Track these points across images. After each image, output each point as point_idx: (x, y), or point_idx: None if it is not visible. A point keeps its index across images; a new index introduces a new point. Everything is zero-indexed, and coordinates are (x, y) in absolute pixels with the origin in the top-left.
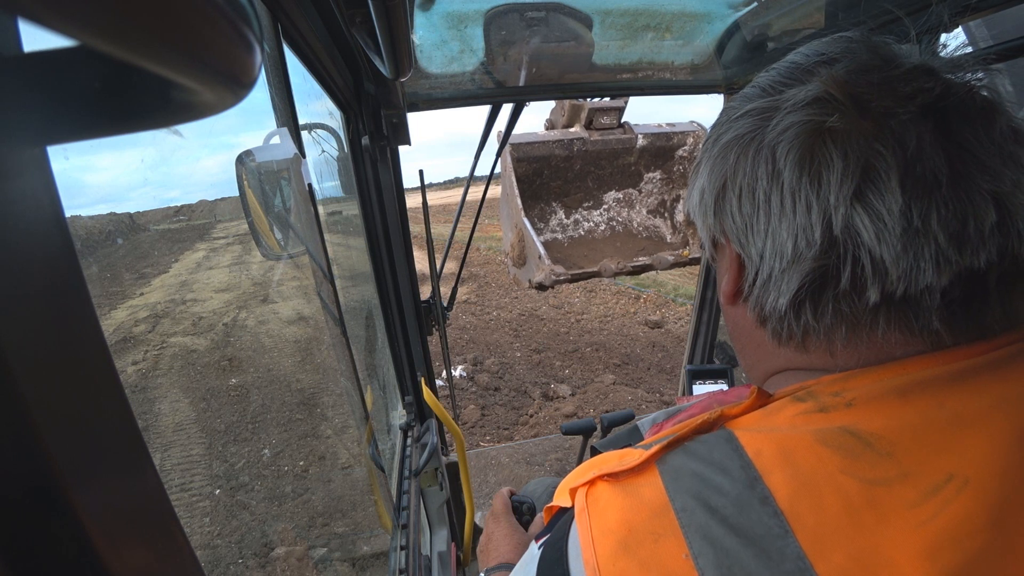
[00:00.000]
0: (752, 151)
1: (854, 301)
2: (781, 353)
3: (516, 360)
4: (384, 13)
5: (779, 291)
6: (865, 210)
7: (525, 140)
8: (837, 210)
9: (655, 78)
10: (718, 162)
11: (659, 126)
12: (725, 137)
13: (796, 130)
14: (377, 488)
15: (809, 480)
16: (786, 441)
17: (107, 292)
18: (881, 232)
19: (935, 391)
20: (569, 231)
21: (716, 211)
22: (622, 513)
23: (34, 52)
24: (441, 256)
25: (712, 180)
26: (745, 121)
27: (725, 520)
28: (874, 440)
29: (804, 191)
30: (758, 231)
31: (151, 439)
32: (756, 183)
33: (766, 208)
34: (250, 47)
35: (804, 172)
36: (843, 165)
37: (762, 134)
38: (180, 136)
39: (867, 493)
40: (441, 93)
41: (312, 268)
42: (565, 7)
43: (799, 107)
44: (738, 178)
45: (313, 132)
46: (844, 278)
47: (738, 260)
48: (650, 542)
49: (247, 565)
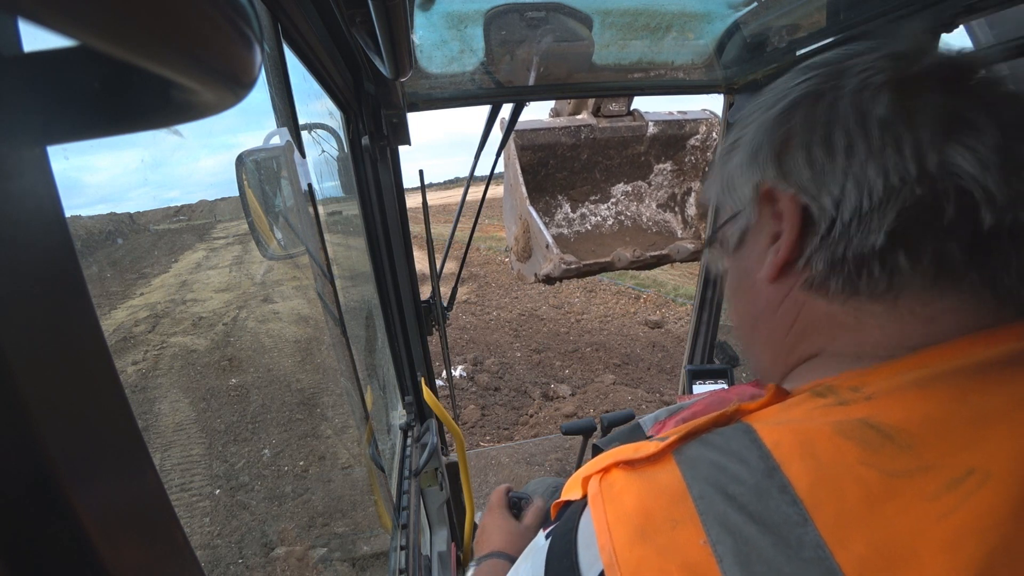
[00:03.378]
0: (826, 103)
1: (959, 234)
2: (828, 325)
3: (516, 360)
4: (384, 13)
5: (869, 230)
6: (962, 146)
7: (530, 127)
8: (932, 146)
9: (655, 78)
10: (777, 120)
11: (670, 113)
12: (783, 102)
13: (883, 75)
14: (377, 488)
15: (828, 470)
16: (805, 432)
17: (107, 292)
18: (983, 162)
19: (958, 384)
20: (575, 226)
21: (777, 164)
22: (639, 499)
23: (34, 52)
24: (441, 256)
25: (771, 137)
26: (810, 83)
27: (743, 508)
28: (894, 433)
29: (896, 129)
30: (834, 176)
31: (151, 439)
32: (833, 130)
33: (846, 154)
34: (250, 47)
35: (896, 111)
36: (934, 105)
37: (836, 88)
38: (180, 136)
39: (887, 484)
40: (441, 93)
41: (312, 268)
42: (565, 7)
43: (878, 59)
44: (809, 130)
45: (313, 132)
46: (950, 208)
47: (802, 214)
48: (668, 528)
49: (247, 565)
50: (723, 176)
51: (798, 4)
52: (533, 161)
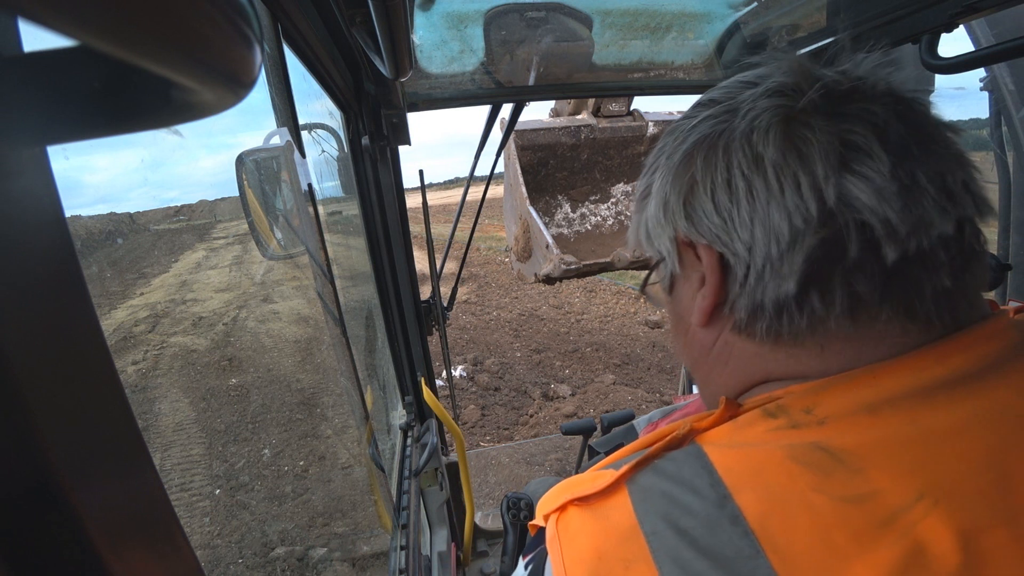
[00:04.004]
0: (721, 146)
1: (867, 271)
2: (763, 362)
3: (516, 360)
4: (384, 13)
5: (781, 276)
6: (856, 177)
7: (530, 127)
8: (828, 181)
9: (655, 78)
10: (680, 168)
11: (670, 113)
12: (683, 147)
13: (769, 115)
14: (377, 488)
15: (780, 498)
16: (756, 457)
17: (107, 292)
18: (880, 192)
19: (908, 407)
20: (575, 226)
21: (687, 215)
22: (592, 540)
23: (34, 52)
24: (441, 256)
25: (676, 186)
26: (705, 125)
27: (695, 542)
28: (845, 456)
29: (790, 168)
30: (742, 222)
31: (151, 439)
32: (732, 174)
33: (748, 197)
34: (250, 47)
35: (787, 150)
36: (825, 139)
37: (729, 129)
38: (180, 136)
39: (838, 511)
40: (441, 93)
41: (312, 268)
42: (565, 7)
43: (762, 97)
44: (709, 176)
45: (313, 132)
46: (853, 247)
47: (719, 262)
48: (620, 569)
49: (247, 565)
50: (643, 223)
51: (798, 4)
52: (533, 161)
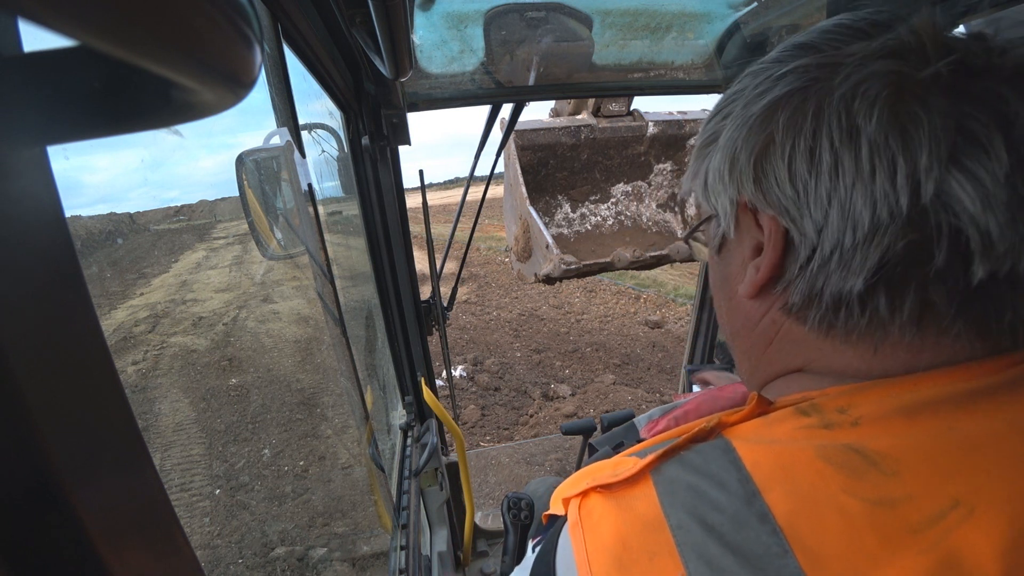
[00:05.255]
0: (813, 106)
1: (949, 284)
2: (807, 350)
3: (516, 360)
4: (384, 13)
5: (848, 271)
6: (964, 175)
7: (530, 127)
8: (929, 173)
9: (655, 78)
10: (757, 123)
11: (670, 113)
12: (766, 99)
13: (880, 81)
14: (377, 488)
15: (809, 497)
16: (786, 455)
17: (107, 292)
18: (987, 197)
19: (947, 412)
20: (575, 226)
21: (755, 178)
22: (616, 528)
23: (34, 52)
24: (441, 256)
25: (749, 142)
26: (795, 76)
27: (722, 538)
28: (879, 459)
29: (889, 150)
30: (818, 199)
31: (151, 439)
32: (819, 143)
33: (833, 172)
34: (250, 47)
35: (891, 128)
36: (939, 122)
37: (827, 87)
38: (180, 136)
39: (869, 514)
40: (441, 93)
41: (312, 268)
42: (565, 7)
43: (876, 57)
44: (791, 139)
45: (313, 132)
46: (940, 255)
47: (784, 237)
48: (645, 560)
49: (247, 565)
50: (701, 173)
51: (798, 4)
52: (533, 161)
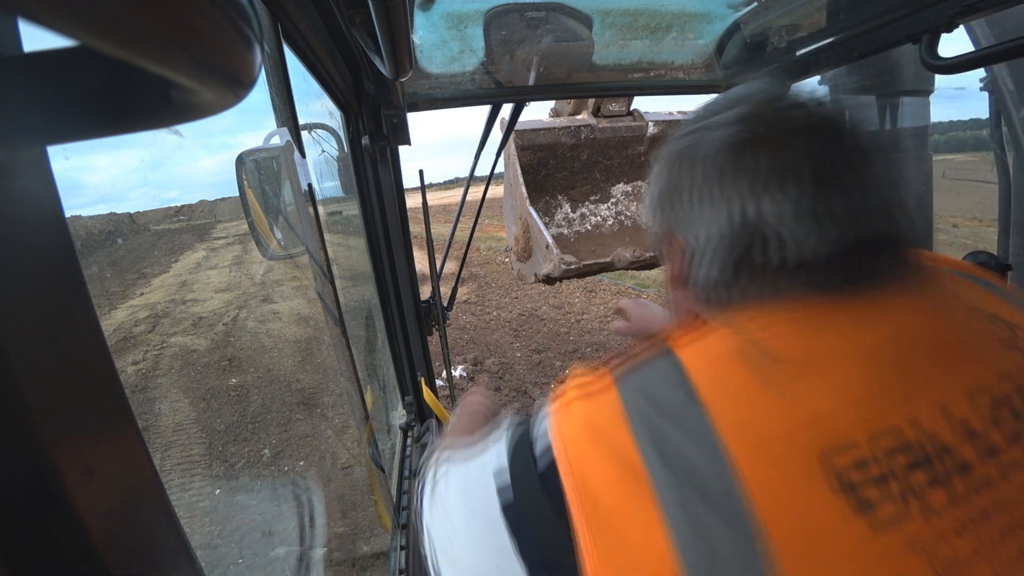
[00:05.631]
0: (688, 161)
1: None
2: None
3: (516, 360)
4: (384, 13)
5: (712, 263)
6: (771, 197)
7: (530, 127)
8: (752, 198)
9: (655, 78)
10: (670, 171)
11: (670, 113)
12: (674, 152)
13: (720, 142)
14: (377, 488)
15: (722, 372)
16: (709, 350)
17: (107, 292)
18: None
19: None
20: (575, 226)
21: (670, 208)
22: (587, 415)
23: (34, 52)
24: (441, 256)
25: (667, 185)
26: (686, 139)
27: (653, 399)
28: (773, 351)
29: (726, 189)
30: (697, 221)
31: (151, 439)
32: (692, 185)
33: (699, 204)
34: (250, 47)
35: (733, 171)
36: (763, 165)
37: (695, 148)
38: (180, 136)
39: (761, 375)
40: (441, 93)
41: (312, 268)
42: (565, 7)
43: (725, 125)
44: (681, 182)
45: (313, 132)
46: (758, 250)
47: (682, 246)
48: (604, 424)
49: (247, 565)
50: (646, 207)
51: (798, 4)
52: (533, 161)
